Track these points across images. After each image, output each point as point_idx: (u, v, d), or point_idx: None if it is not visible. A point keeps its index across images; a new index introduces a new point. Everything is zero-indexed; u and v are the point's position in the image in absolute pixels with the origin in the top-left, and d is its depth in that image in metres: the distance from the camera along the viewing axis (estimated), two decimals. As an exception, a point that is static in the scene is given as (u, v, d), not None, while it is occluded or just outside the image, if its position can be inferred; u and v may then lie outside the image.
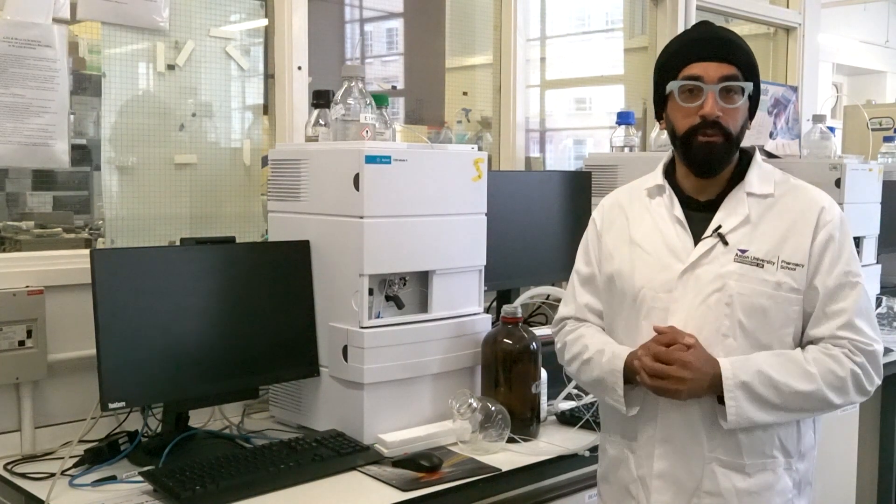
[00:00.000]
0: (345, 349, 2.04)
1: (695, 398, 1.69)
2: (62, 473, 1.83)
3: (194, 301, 1.97)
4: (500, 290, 2.72)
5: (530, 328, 2.23)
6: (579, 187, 2.95)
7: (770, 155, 3.31)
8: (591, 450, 2.02)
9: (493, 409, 2.04)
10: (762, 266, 1.71)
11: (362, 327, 2.02)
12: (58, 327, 2.04)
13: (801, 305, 1.72)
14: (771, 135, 3.73)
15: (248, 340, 2.04)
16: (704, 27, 1.80)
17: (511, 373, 2.13)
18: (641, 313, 1.77)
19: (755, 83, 1.76)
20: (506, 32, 3.27)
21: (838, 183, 3.10)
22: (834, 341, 1.70)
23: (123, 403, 1.85)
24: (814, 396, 1.68)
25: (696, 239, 1.76)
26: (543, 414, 2.21)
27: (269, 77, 2.60)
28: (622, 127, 3.15)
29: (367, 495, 1.78)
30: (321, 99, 2.25)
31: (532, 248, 2.76)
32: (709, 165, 1.76)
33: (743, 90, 1.74)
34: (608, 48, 4.48)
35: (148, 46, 2.35)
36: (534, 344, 2.16)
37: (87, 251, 1.89)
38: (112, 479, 1.80)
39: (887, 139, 4.25)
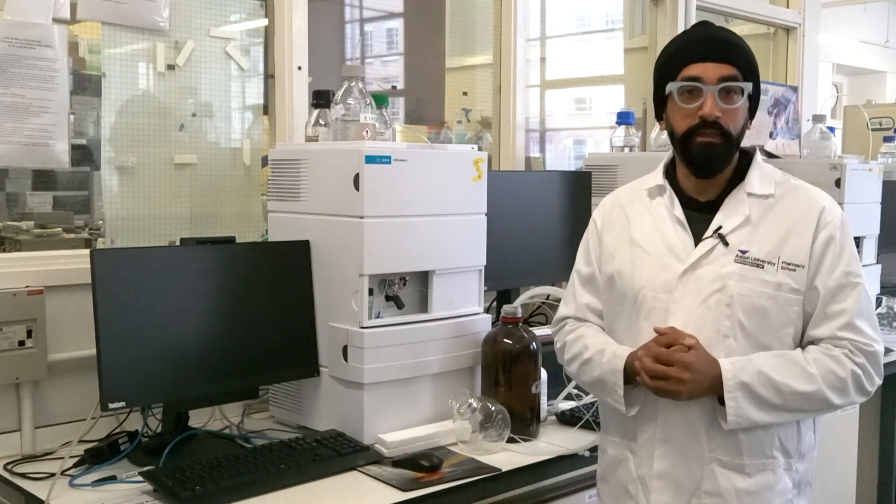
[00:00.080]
0: (345, 349, 2.05)
1: (695, 399, 1.69)
2: (62, 473, 1.83)
3: (194, 301, 1.97)
4: (500, 290, 2.72)
5: (530, 328, 2.23)
6: (579, 187, 2.95)
7: (770, 155, 3.31)
8: (590, 450, 2.02)
9: (493, 409, 2.04)
10: (762, 267, 1.71)
11: (362, 327, 2.02)
12: (58, 327, 2.04)
13: (802, 306, 1.72)
14: (771, 135, 3.73)
15: (248, 340, 2.04)
16: (704, 27, 1.80)
17: (511, 373, 2.13)
18: (642, 313, 1.77)
19: (755, 83, 1.76)
20: (506, 32, 3.26)
21: (838, 183, 3.10)
22: (834, 342, 1.70)
23: (123, 403, 1.85)
24: (814, 397, 1.68)
25: (697, 239, 1.76)
26: (543, 414, 2.21)
27: (269, 77, 2.60)
28: (622, 127, 3.15)
29: (367, 495, 1.78)
30: (321, 99, 2.25)
31: (532, 248, 2.76)
32: (708, 166, 1.76)
33: (743, 90, 1.73)
34: (608, 48, 4.48)
35: (148, 46, 2.35)
36: (534, 344, 2.16)
37: (87, 251, 1.89)
38: (112, 479, 1.80)
39: (887, 139, 4.25)
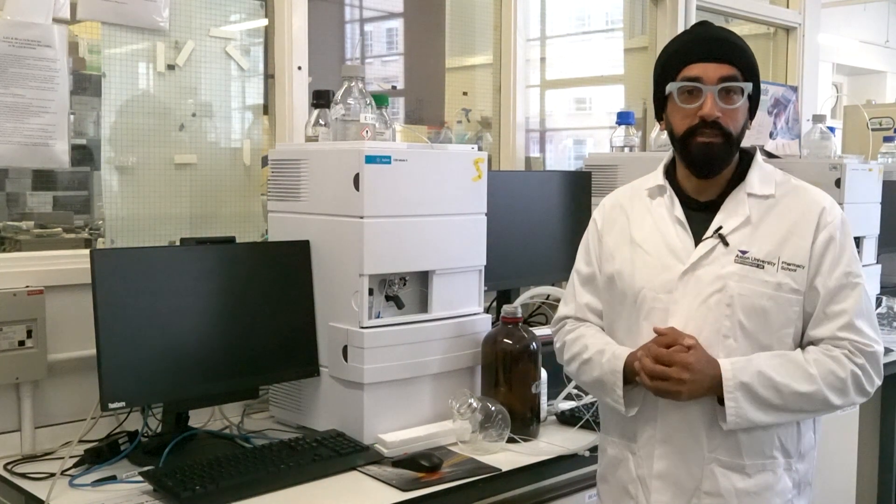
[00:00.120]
0: (345, 349, 2.05)
1: (695, 399, 1.69)
2: (62, 473, 1.82)
3: (194, 301, 1.97)
4: (500, 290, 2.72)
5: (530, 328, 2.23)
6: (579, 187, 2.95)
7: (770, 155, 3.31)
8: (590, 450, 2.02)
9: (493, 409, 2.04)
10: (763, 267, 1.71)
11: (362, 327, 2.02)
12: (58, 327, 2.04)
13: (802, 306, 1.72)
14: (771, 135, 3.72)
15: (248, 340, 2.04)
16: (703, 27, 1.80)
17: (511, 373, 2.13)
18: (642, 314, 1.77)
19: (755, 83, 1.76)
20: (506, 32, 3.26)
21: (838, 183, 3.10)
22: (834, 342, 1.70)
23: (123, 403, 1.85)
24: (814, 397, 1.68)
25: (697, 239, 1.76)
26: (543, 414, 2.21)
27: (269, 77, 2.60)
28: (622, 127, 3.15)
29: (367, 495, 1.78)
30: (321, 99, 2.25)
31: (532, 248, 2.76)
32: (708, 166, 1.75)
33: (742, 90, 1.73)
34: (608, 48, 4.48)
35: (148, 46, 2.34)
36: (534, 344, 2.16)
37: (87, 251, 1.89)
38: (112, 479, 1.80)
39: (887, 139, 4.25)
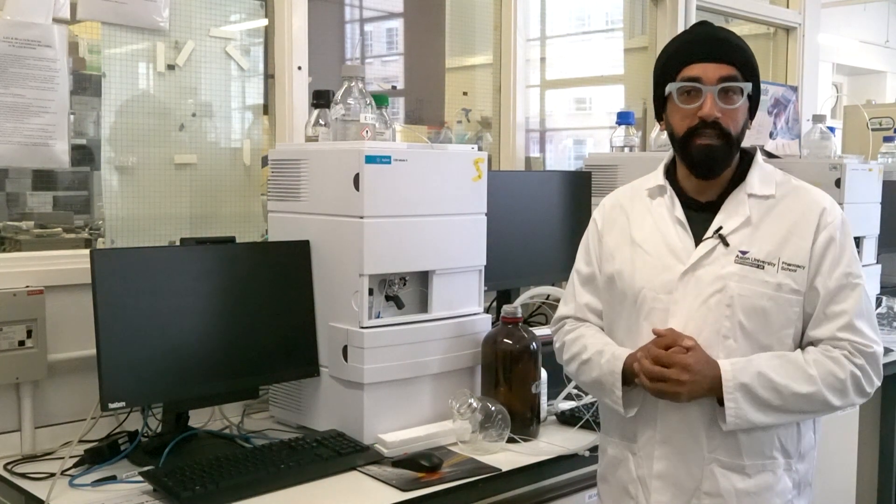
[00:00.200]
0: (345, 349, 2.05)
1: (694, 400, 1.69)
2: (62, 473, 1.82)
3: (194, 301, 1.97)
4: (500, 290, 2.72)
5: (530, 328, 2.23)
6: (579, 187, 2.95)
7: (770, 155, 3.31)
8: (590, 450, 2.02)
9: (493, 409, 2.04)
10: (763, 267, 1.71)
11: (362, 327, 2.02)
12: (58, 327, 2.04)
13: (802, 307, 1.72)
14: (771, 135, 3.72)
15: (248, 340, 2.04)
16: (703, 27, 1.79)
17: (511, 373, 2.13)
18: (642, 314, 1.77)
19: (755, 83, 1.76)
20: (506, 32, 3.26)
21: (838, 183, 3.10)
22: (834, 343, 1.70)
23: (123, 403, 1.85)
24: (813, 398, 1.67)
25: (697, 240, 1.76)
26: (543, 414, 2.21)
27: (269, 77, 2.60)
28: (622, 127, 3.15)
29: (367, 495, 1.78)
30: (321, 99, 2.25)
31: (532, 248, 2.76)
32: (708, 167, 1.75)
33: (742, 91, 1.73)
34: (608, 48, 4.48)
35: (148, 46, 2.34)
36: (534, 344, 2.16)
37: (87, 251, 1.89)
38: (112, 479, 1.80)
39: (887, 139, 4.24)
